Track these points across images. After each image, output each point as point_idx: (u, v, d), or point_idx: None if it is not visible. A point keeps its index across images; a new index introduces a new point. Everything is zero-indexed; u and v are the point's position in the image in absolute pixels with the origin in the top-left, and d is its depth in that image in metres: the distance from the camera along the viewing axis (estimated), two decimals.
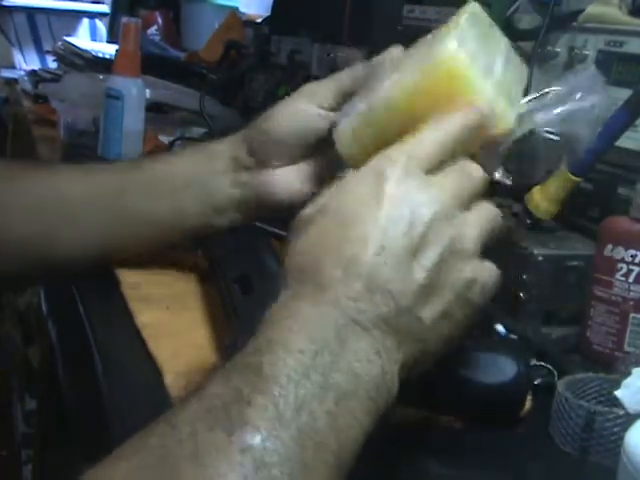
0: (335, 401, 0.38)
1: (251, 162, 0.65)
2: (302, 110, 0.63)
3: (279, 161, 0.64)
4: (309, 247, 0.44)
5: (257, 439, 0.36)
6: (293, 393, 0.37)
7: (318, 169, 0.64)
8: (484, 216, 0.47)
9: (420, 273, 0.43)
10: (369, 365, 0.40)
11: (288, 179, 0.64)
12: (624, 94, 0.76)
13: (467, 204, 0.46)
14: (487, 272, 0.47)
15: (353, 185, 0.45)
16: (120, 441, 0.37)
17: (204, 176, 0.65)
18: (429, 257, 0.44)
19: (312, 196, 0.47)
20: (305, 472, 0.36)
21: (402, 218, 0.43)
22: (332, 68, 1.47)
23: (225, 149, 0.66)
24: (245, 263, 0.63)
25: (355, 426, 0.39)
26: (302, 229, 0.45)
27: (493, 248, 0.48)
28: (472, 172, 0.47)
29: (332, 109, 0.62)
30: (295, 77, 1.47)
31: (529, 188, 0.67)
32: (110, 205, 0.65)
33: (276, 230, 0.75)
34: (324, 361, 0.39)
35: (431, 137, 0.46)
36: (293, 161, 0.64)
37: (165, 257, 0.71)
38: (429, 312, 0.44)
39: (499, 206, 0.48)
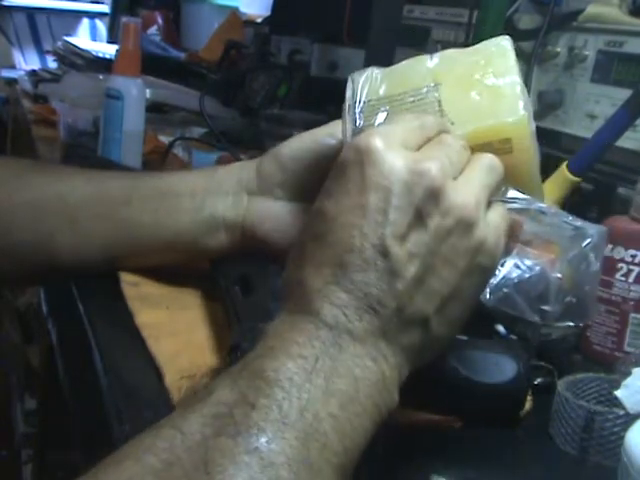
0: (339, 405, 0.39)
1: (255, 188, 0.61)
2: (317, 137, 0.59)
3: (283, 191, 0.60)
4: (295, 259, 0.44)
5: (262, 440, 0.36)
6: (296, 396, 0.38)
7: None
8: (479, 170, 0.44)
9: (407, 266, 0.41)
10: (367, 370, 0.40)
11: (282, 214, 0.60)
12: (624, 94, 0.76)
13: (456, 171, 0.43)
14: (493, 230, 0.43)
15: (335, 183, 0.43)
16: (120, 441, 0.37)
17: (203, 193, 0.62)
18: (418, 242, 0.41)
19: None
20: (311, 473, 0.36)
21: (382, 205, 0.41)
22: (332, 68, 1.48)
23: (236, 170, 0.63)
24: (245, 264, 0.63)
25: (358, 430, 0.39)
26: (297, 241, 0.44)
27: None
28: (451, 142, 0.45)
29: None
30: (295, 77, 1.47)
31: None
32: (113, 214, 0.63)
33: None
34: (325, 366, 0.39)
35: (404, 123, 0.44)
36: (297, 196, 0.60)
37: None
38: (427, 303, 0.42)
39: None
